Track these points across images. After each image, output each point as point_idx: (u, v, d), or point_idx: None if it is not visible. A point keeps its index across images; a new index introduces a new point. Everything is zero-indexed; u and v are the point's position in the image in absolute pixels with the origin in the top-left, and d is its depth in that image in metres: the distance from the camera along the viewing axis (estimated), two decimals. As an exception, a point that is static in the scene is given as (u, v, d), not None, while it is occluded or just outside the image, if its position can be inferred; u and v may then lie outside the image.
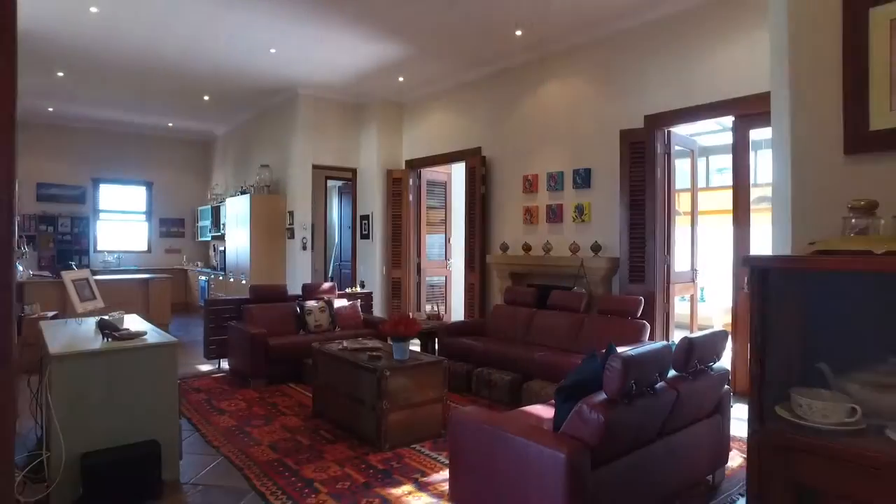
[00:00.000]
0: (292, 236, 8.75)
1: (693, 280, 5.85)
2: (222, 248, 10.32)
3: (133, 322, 3.97)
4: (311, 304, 6.16)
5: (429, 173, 9.10)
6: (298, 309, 6.08)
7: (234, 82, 8.28)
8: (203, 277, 10.75)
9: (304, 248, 8.72)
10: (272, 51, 6.87)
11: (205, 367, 6.18)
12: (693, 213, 5.93)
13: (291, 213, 8.76)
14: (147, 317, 8.57)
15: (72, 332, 3.58)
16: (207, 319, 5.97)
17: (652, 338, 5.03)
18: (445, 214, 9.36)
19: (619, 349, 4.31)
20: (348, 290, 6.99)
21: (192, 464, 3.54)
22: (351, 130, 9.17)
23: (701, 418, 3.01)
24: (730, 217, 5.23)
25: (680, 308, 6.05)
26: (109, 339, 3.26)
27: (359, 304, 6.49)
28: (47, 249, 10.75)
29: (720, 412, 3.17)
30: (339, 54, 7.02)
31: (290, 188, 8.85)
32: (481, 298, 7.41)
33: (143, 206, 11.89)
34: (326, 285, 6.58)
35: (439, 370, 3.98)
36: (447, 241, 9.37)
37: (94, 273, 10.91)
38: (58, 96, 9.27)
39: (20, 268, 7.88)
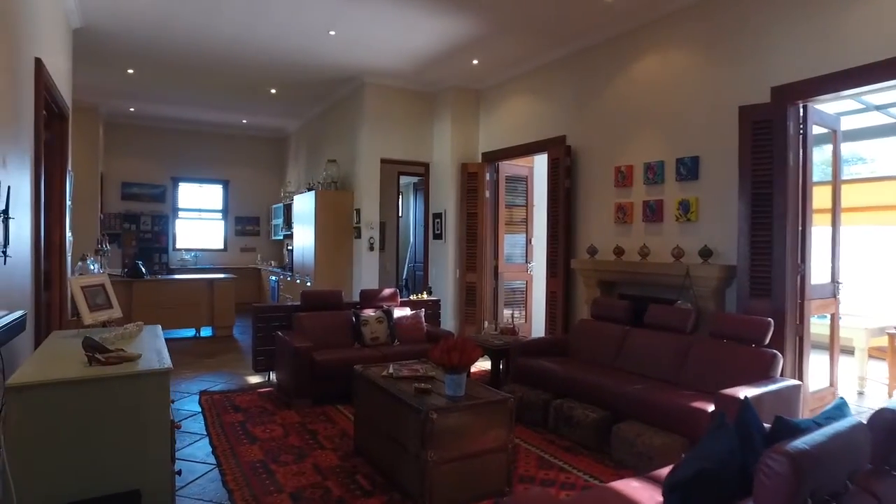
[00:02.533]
0: (359, 236, 8.17)
1: (834, 295, 4.62)
2: (290, 248, 9.95)
3: (144, 339, 3.41)
4: (367, 313, 5.47)
5: (507, 167, 8.22)
6: (354, 318, 5.41)
7: (297, 72, 7.78)
8: (273, 277, 10.44)
9: (372, 248, 8.11)
10: (331, 33, 6.25)
11: (254, 380, 5.66)
12: (834, 211, 4.69)
13: (358, 211, 8.18)
14: (211, 318, 8.34)
15: (57, 351, 3.04)
16: (256, 328, 5.43)
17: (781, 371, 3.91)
18: (526, 212, 8.46)
19: (747, 391, 3.28)
20: (412, 298, 6.26)
21: (195, 515, 2.91)
22: (422, 121, 8.46)
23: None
24: (877, 215, 3.98)
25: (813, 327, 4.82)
26: (92, 364, 2.67)
27: (423, 314, 5.73)
28: (130, 247, 10.86)
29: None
30: (405, 34, 6.30)
31: (357, 184, 8.27)
32: (564, 310, 6.45)
33: (219, 205, 11.82)
34: (387, 292, 5.88)
35: (504, 411, 3.12)
36: (528, 242, 8.47)
37: (171, 272, 10.99)
38: (136, 96, 9.23)
39: (93, 266, 7.78)
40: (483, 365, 6.10)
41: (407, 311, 5.72)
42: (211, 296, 8.12)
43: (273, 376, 5.49)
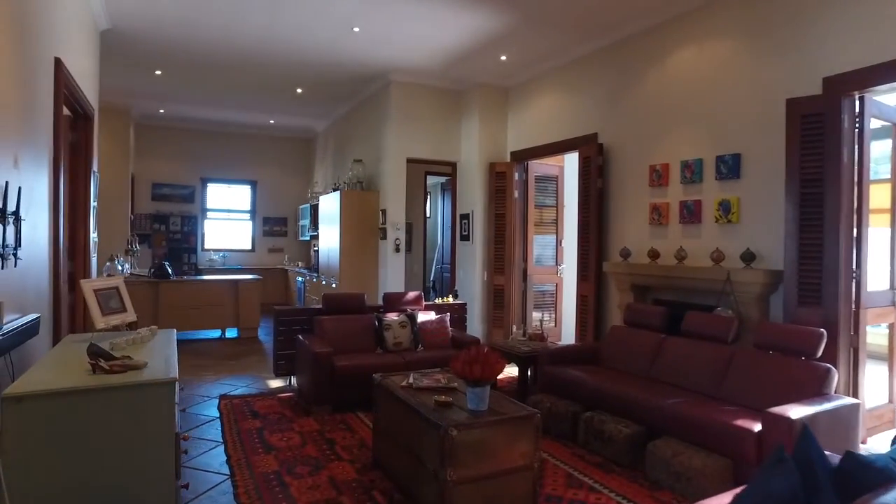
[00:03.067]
0: (385, 237, 8.02)
1: (893, 303, 4.26)
2: (316, 249, 9.87)
3: (156, 344, 3.29)
4: (390, 317, 5.31)
5: (537, 166, 7.98)
6: (377, 323, 5.25)
7: (323, 71, 7.67)
8: (300, 278, 10.38)
9: (398, 250, 7.96)
10: (355, 29, 6.11)
11: (275, 384, 5.54)
12: (893, 211, 4.34)
13: (384, 212, 8.03)
14: (236, 320, 8.29)
15: (64, 357, 2.93)
16: (276, 331, 5.31)
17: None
18: (556, 213, 8.20)
19: (800, 410, 3.00)
20: (437, 301, 6.07)
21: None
22: (449, 120, 8.27)
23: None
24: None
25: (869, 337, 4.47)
26: (96, 372, 2.55)
27: (448, 318, 5.54)
28: (160, 247, 10.95)
29: None
30: (431, 29, 6.12)
31: (383, 184, 8.12)
32: (595, 315, 6.18)
33: (247, 205, 11.84)
34: (411, 295, 5.71)
35: (530, 427, 2.89)
36: (558, 243, 8.21)
37: (199, 272, 11.00)
38: (165, 97, 9.28)
39: (121, 267, 7.82)
40: (510, 371, 5.88)
41: (431, 316, 5.53)
42: (236, 297, 8.07)
43: (294, 381, 5.36)
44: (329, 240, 8.66)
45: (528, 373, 5.17)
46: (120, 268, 7.74)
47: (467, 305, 6.29)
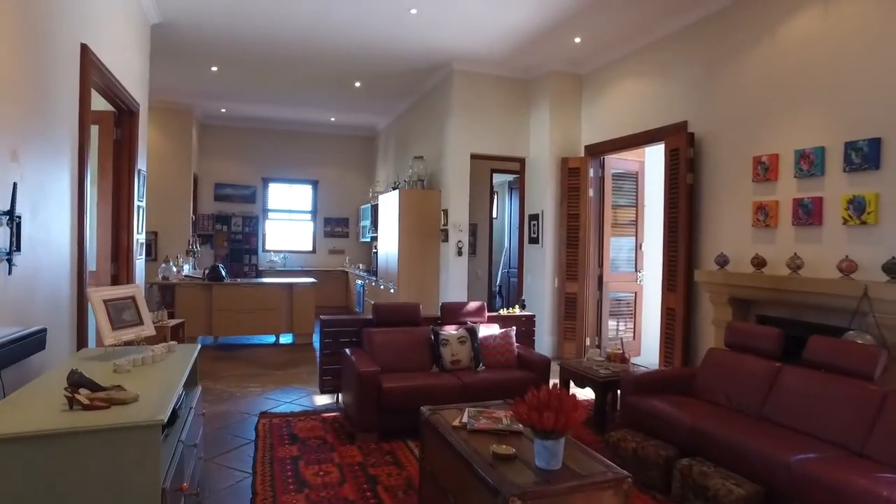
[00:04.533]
0: (446, 239, 7.43)
1: None
2: (376, 251, 9.42)
3: (167, 367, 2.82)
4: (448, 331, 4.70)
5: (614, 161, 7.18)
6: (433, 337, 4.65)
7: (380, 61, 7.17)
8: (359, 282, 9.97)
9: (460, 253, 7.35)
10: (412, 12, 5.55)
11: (321, 401, 5.05)
12: None
13: (446, 212, 7.45)
14: (290, 325, 7.93)
15: (52, 382, 2.47)
16: (323, 343, 4.82)
17: None
18: (636, 213, 7.37)
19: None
20: (501, 313, 5.41)
21: None
22: (516, 112, 7.59)
23: None
24: None
25: None
26: (73, 407, 2.07)
27: (514, 333, 4.87)
28: (222, 248, 10.85)
29: None
30: (494, 8, 5.48)
31: (445, 183, 7.54)
32: (684, 332, 5.34)
33: (308, 205, 11.58)
34: (472, 306, 5.07)
35: (618, 497, 2.20)
36: (638, 247, 7.37)
37: (260, 273, 10.82)
38: (225, 95, 9.10)
39: (175, 269, 7.63)
40: (585, 393, 5.15)
41: (495, 330, 4.88)
42: (290, 301, 7.71)
43: (341, 398, 4.85)
44: (388, 242, 8.18)
45: (606, 402, 4.42)
46: (174, 269, 7.54)
47: (536, 317, 5.59)
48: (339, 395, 4.90)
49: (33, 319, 2.92)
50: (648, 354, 7.06)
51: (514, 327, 4.99)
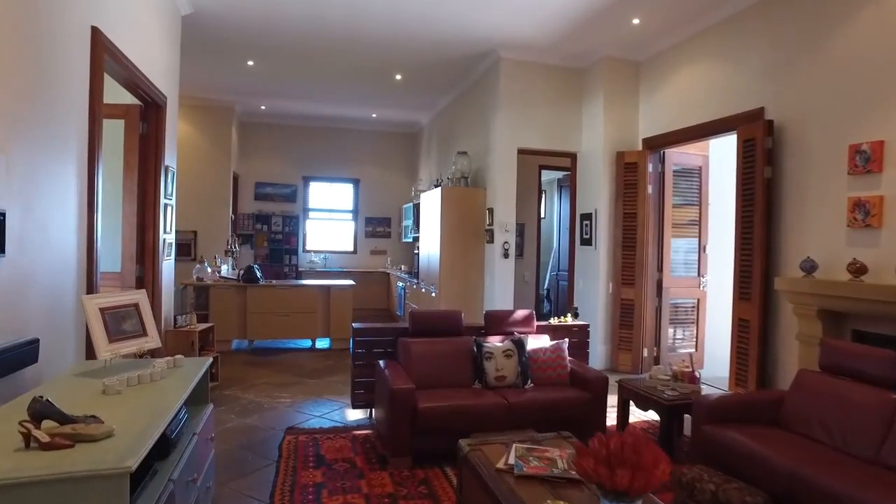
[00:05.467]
0: (491, 240, 6.95)
1: None
2: (417, 252, 9.01)
3: (166, 388, 2.44)
4: (492, 343, 4.21)
5: (676, 155, 6.55)
6: (476, 349, 4.18)
7: (421, 50, 6.75)
8: (400, 283, 9.58)
9: (507, 255, 6.85)
10: (455, -10, 5.10)
11: (353, 415, 4.64)
12: None
13: (491, 211, 6.96)
14: (327, 329, 7.58)
15: (20, 408, 2.10)
16: (354, 354, 4.41)
17: None
18: (699, 212, 6.71)
19: None
20: (552, 322, 4.89)
21: None
22: (567, 103, 7.04)
23: None
24: None
25: None
26: (29, 446, 1.70)
27: (566, 345, 4.34)
28: (262, 248, 10.66)
29: None
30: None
31: (490, 180, 7.06)
32: (760, 347, 4.70)
33: (349, 205, 11.28)
34: (519, 315, 4.57)
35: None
36: (701, 249, 6.71)
37: (300, 275, 10.57)
38: (263, 92, 8.88)
39: (210, 269, 7.39)
40: (648, 415, 4.59)
41: (545, 342, 4.37)
42: (327, 304, 7.37)
43: (374, 414, 4.43)
44: (429, 242, 7.75)
45: (672, 428, 3.85)
46: (209, 270, 7.31)
47: (589, 327, 5.04)
48: (372, 410, 4.48)
49: (25, 328, 2.60)
50: (713, 367, 6.40)
51: (567, 339, 4.46)
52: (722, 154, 6.65)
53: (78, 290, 3.23)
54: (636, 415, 4.57)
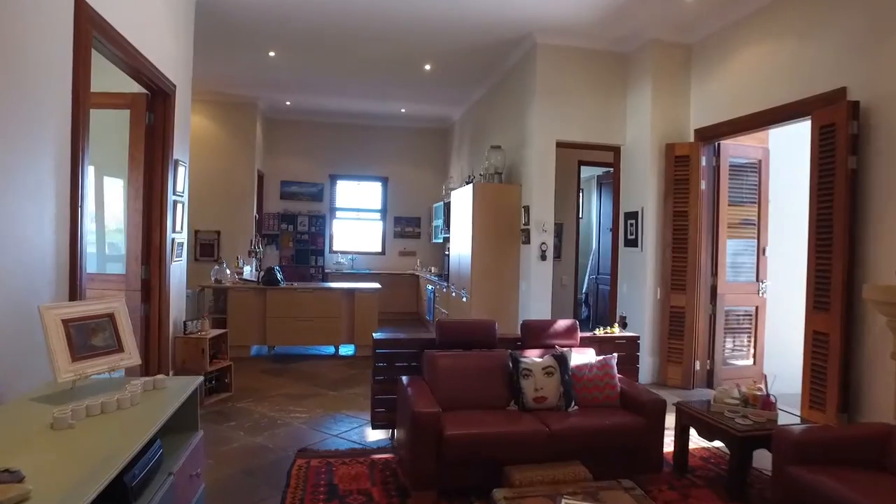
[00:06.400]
0: (528, 240, 6.41)
1: None
2: (448, 253, 8.52)
3: (140, 417, 2.00)
4: (531, 358, 3.69)
5: (732, 146, 5.92)
6: (512, 364, 3.66)
7: (451, 36, 6.27)
8: (430, 286, 9.10)
9: (544, 257, 6.31)
10: (489, -37, 4.59)
11: (372, 436, 4.17)
12: None
13: (527, 209, 6.42)
14: (351, 335, 7.12)
15: None
16: (374, 368, 3.94)
17: None
18: (758, 210, 6.06)
19: None
20: (598, 334, 4.33)
21: None
22: (610, 92, 6.47)
23: None
24: None
25: None
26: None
27: (615, 361, 3.78)
28: (287, 249, 10.32)
29: None
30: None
31: (526, 175, 6.52)
32: (842, 366, 4.06)
33: (378, 204, 10.85)
34: (562, 325, 4.03)
35: None
36: (760, 251, 6.05)
37: (326, 277, 10.18)
38: (287, 86, 8.53)
39: (228, 271, 7.04)
40: (710, 443, 3.99)
41: (590, 356, 3.83)
42: (352, 309, 6.93)
43: (396, 435, 3.95)
44: (460, 243, 7.24)
45: (743, 466, 3.25)
46: (228, 272, 6.95)
47: (639, 339, 4.46)
48: (394, 430, 4.00)
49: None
50: (775, 385, 5.75)
51: (615, 353, 3.90)
52: (785, 145, 6.00)
53: (56, 294, 2.83)
54: (695, 440, 3.98)
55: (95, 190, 5.35)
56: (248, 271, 7.59)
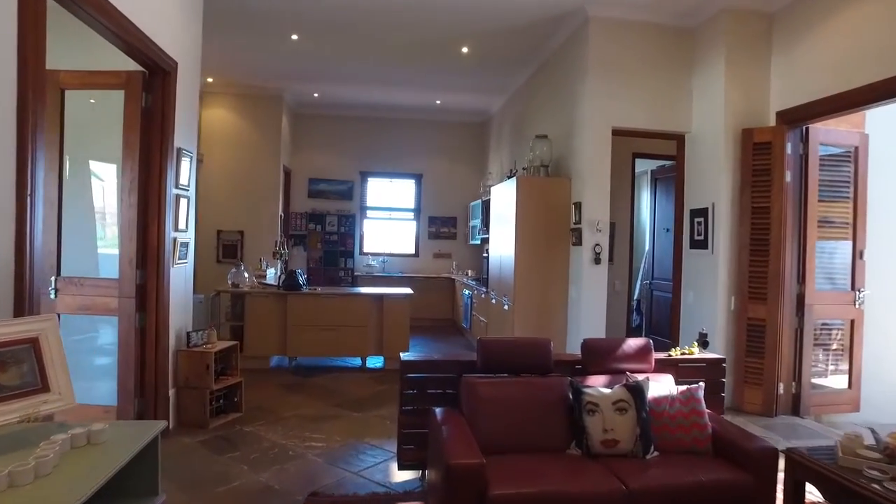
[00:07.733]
0: (579, 241, 5.63)
1: None
2: (486, 255, 7.78)
3: (43, 493, 1.34)
4: (596, 388, 2.93)
5: (822, 132, 5.03)
6: (572, 396, 2.91)
7: (494, 12, 5.54)
8: (467, 291, 8.37)
9: (598, 261, 5.52)
10: None
11: (399, 477, 3.46)
12: None
13: (578, 206, 5.64)
14: (380, 345, 6.42)
15: None
16: (402, 396, 3.24)
17: None
18: (853, 206, 5.15)
19: None
20: (674, 355, 3.54)
21: None
22: (673, 71, 5.64)
23: None
24: None
25: None
26: None
27: (702, 393, 2.99)
28: (315, 250, 9.74)
29: None
30: None
31: (576, 168, 5.75)
32: None
33: (411, 203, 10.18)
34: (632, 345, 3.25)
35: None
36: (856, 255, 5.15)
37: (356, 280, 9.54)
38: (314, 75, 7.96)
39: (247, 274, 6.46)
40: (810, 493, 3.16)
41: (669, 386, 3.04)
42: (381, 317, 6.26)
43: (427, 477, 3.24)
44: (501, 244, 6.50)
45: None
46: (246, 275, 6.36)
47: (724, 365, 3.65)
48: (425, 472, 3.29)
49: None
50: (876, 411, 4.87)
51: (701, 383, 3.11)
52: (885, 129, 5.09)
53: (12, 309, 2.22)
54: (811, 494, 3.15)
55: (94, 184, 4.83)
56: (272, 274, 7.01)
